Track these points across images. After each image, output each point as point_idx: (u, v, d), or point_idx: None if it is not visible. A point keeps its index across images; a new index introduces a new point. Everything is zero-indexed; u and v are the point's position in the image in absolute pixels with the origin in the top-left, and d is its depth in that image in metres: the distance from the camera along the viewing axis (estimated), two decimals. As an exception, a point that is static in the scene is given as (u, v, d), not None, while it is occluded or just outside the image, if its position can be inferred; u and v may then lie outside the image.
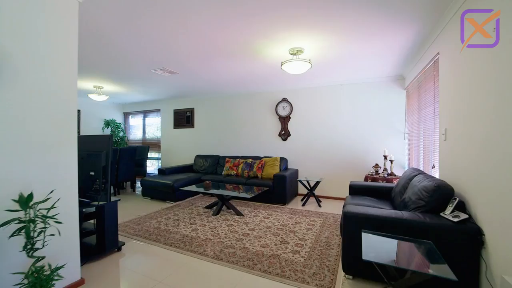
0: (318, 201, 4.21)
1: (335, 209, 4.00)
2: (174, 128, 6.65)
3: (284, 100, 5.09)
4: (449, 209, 1.76)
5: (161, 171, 5.18)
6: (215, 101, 5.96)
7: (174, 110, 6.61)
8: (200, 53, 3.21)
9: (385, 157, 4.03)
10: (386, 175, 3.81)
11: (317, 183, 4.20)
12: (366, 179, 3.98)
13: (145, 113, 7.37)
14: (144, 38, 2.75)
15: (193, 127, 6.33)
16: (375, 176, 3.85)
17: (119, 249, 2.49)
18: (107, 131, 7.08)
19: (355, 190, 3.23)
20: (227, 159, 5.26)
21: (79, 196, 2.28)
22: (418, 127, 3.38)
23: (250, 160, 4.98)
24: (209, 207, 3.97)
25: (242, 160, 5.03)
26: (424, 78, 2.99)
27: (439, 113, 2.45)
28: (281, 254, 2.38)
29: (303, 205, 4.18)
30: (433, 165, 2.61)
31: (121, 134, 7.20)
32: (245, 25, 2.41)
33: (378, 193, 3.10)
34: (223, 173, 5.17)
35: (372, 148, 4.38)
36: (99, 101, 6.79)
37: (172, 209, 3.92)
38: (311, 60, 3.06)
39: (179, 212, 3.77)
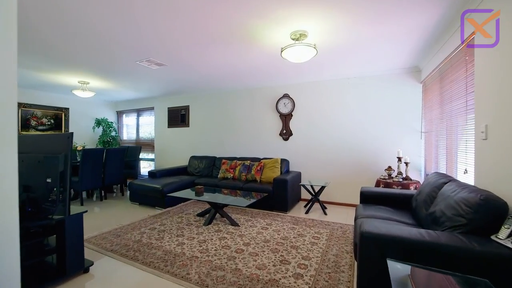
0: (324, 208, 3.77)
1: (342, 217, 3.56)
2: (168, 127, 6.24)
3: (286, 96, 4.66)
4: (504, 231, 1.32)
5: (151, 174, 4.77)
6: (211, 98, 5.54)
7: (168, 108, 6.20)
8: (189, 41, 2.79)
9: (399, 159, 3.58)
10: (401, 180, 3.36)
11: (322, 188, 3.76)
12: (377, 183, 3.53)
13: (139, 112, 6.97)
14: (125, 23, 2.35)
15: (188, 126, 5.91)
16: (388, 181, 3.40)
17: (86, 270, 2.08)
18: (98, 131, 6.70)
19: (367, 198, 2.79)
20: (223, 160, 4.84)
21: (34, 208, 1.88)
22: (440, 124, 2.93)
23: (249, 161, 4.55)
24: (201, 214, 3.55)
25: (240, 162, 4.60)
26: (450, 66, 2.54)
27: (474, 107, 2.00)
28: (280, 279, 1.95)
29: (307, 212, 3.74)
30: (465, 169, 2.16)
31: (113, 133, 6.80)
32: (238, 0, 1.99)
33: (394, 202, 2.66)
34: (218, 176, 4.75)
35: (384, 148, 3.93)
36: (90, 99, 6.45)
37: (160, 217, 3.51)
38: (316, 46, 2.61)
39: (167, 220, 3.35)
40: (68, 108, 6.17)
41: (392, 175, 3.59)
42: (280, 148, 4.77)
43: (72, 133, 1.84)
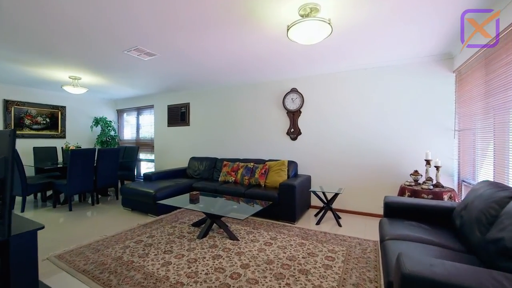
0: (337, 218, 3.25)
1: (360, 230, 3.04)
2: (168, 126, 5.86)
3: (293, 90, 4.17)
4: None
5: (147, 177, 4.38)
6: (212, 94, 5.12)
7: (168, 106, 5.82)
8: (181, 24, 2.36)
9: (428, 161, 3.03)
10: (431, 187, 2.81)
11: (336, 195, 3.25)
12: (402, 191, 3.00)
13: (139, 110, 6.63)
14: (102, 4, 1.94)
15: (189, 125, 5.50)
16: (415, 188, 2.87)
17: (43, 301, 1.67)
18: (97, 130, 6.40)
19: (393, 210, 2.28)
20: (225, 162, 4.40)
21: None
22: (484, 120, 2.38)
23: (252, 164, 4.10)
24: (196, 224, 3.11)
25: (243, 164, 4.15)
26: (504, 44, 1.99)
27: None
28: (285, 322, 1.48)
29: (318, 223, 3.24)
30: (534, 178, 1.62)
31: (112, 133, 6.49)
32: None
33: (428, 216, 2.14)
34: (219, 179, 4.32)
35: (408, 149, 3.38)
36: (87, 97, 6.19)
37: (150, 227, 3.10)
38: (331, 22, 2.11)
39: (157, 231, 2.93)
40: (64, 107, 5.89)
41: (419, 181, 3.05)
42: (287, 148, 4.28)
43: (14, 130, 1.42)
